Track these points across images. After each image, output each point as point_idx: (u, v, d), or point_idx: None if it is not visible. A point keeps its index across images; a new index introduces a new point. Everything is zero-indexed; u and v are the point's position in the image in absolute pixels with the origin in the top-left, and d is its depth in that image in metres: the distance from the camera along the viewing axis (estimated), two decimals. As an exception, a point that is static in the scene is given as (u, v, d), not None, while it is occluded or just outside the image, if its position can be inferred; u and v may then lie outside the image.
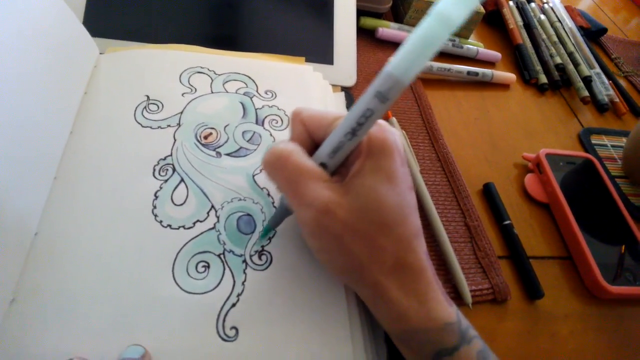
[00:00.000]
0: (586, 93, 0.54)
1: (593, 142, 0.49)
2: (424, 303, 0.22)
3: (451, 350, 0.21)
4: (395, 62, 0.18)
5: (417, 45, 0.17)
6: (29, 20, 0.25)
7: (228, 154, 0.30)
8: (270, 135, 0.32)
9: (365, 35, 0.50)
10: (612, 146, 0.49)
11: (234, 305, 0.24)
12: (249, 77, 0.35)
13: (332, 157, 0.22)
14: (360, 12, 0.49)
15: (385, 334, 0.26)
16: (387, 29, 0.50)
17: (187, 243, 0.25)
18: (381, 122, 0.22)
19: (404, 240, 0.22)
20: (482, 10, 0.52)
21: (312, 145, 0.24)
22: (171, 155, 0.29)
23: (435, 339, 0.21)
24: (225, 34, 0.39)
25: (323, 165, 0.22)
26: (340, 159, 0.22)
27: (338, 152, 0.22)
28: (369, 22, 0.50)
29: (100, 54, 0.33)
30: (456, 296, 0.31)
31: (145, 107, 0.30)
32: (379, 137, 0.22)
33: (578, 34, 0.64)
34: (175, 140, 0.29)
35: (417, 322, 0.21)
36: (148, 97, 0.31)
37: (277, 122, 0.33)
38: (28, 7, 0.26)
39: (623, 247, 0.37)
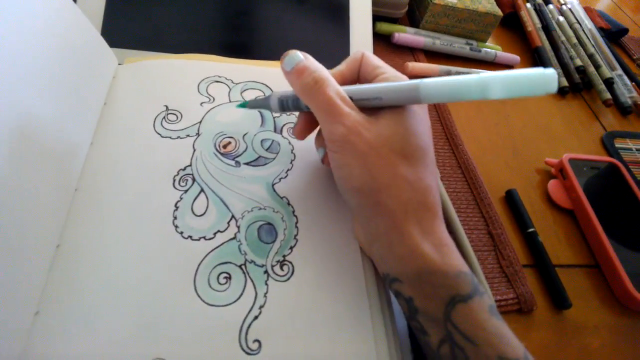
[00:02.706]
0: (608, 95, 0.53)
1: (617, 145, 0.48)
2: (439, 247, 0.22)
3: (465, 298, 0.21)
4: (428, 82, 0.20)
5: (451, 86, 0.20)
6: (48, 32, 0.26)
7: (247, 163, 0.30)
8: (289, 143, 0.32)
9: (381, 40, 0.50)
10: (637, 150, 0.48)
11: (256, 317, 0.23)
12: (267, 86, 0.35)
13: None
14: (376, 18, 0.49)
15: (411, 345, 0.25)
16: (403, 34, 0.50)
17: (208, 254, 0.25)
18: None
19: (425, 180, 0.23)
20: (500, 13, 0.52)
21: (354, 78, 0.27)
22: (191, 165, 0.28)
23: (450, 283, 0.21)
24: (242, 42, 0.39)
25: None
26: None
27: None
28: (384, 27, 0.50)
29: (119, 64, 0.33)
30: (481, 307, 0.30)
31: (164, 118, 0.30)
32: None
33: (598, 35, 0.63)
34: (194, 150, 0.29)
35: (433, 262, 0.21)
36: (167, 107, 0.31)
37: (295, 130, 0.32)
38: (46, 20, 0.26)
39: (653, 254, 0.36)
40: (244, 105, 0.30)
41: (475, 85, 0.19)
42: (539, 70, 0.18)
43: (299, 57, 0.25)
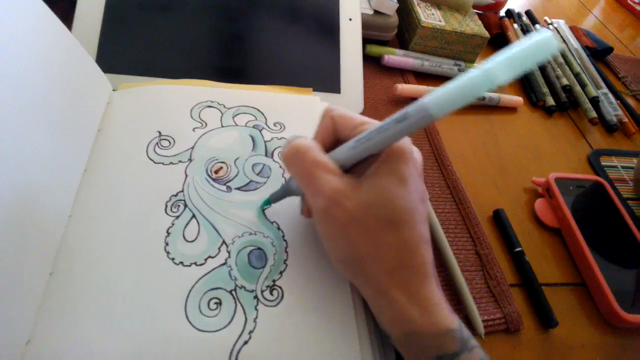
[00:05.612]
0: (594, 114, 0.54)
1: (603, 163, 0.49)
2: (426, 308, 0.22)
3: (451, 356, 0.21)
4: (432, 98, 0.19)
5: (457, 90, 0.19)
6: (42, 59, 0.26)
7: (238, 188, 0.30)
8: (280, 167, 0.32)
9: (371, 62, 0.51)
10: (623, 167, 0.49)
11: (246, 342, 0.24)
12: (258, 110, 0.36)
13: (348, 157, 0.23)
14: (366, 40, 0.50)
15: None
16: (393, 56, 0.51)
17: (199, 280, 0.25)
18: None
19: (411, 243, 0.22)
20: (487, 34, 0.53)
21: (334, 142, 0.25)
22: (183, 191, 0.29)
23: (436, 344, 0.21)
24: (234, 66, 0.40)
25: (338, 163, 0.24)
26: (354, 161, 0.24)
27: (354, 155, 0.23)
28: (374, 49, 0.51)
29: (113, 90, 0.34)
30: (468, 326, 0.31)
31: (157, 143, 0.31)
32: (397, 145, 0.23)
33: (584, 54, 0.64)
34: (186, 175, 0.30)
35: (419, 325, 0.22)
36: (160, 133, 0.32)
37: (286, 154, 0.33)
38: (41, 47, 0.26)
39: None
40: (269, 201, 0.29)
41: (481, 79, 0.18)
42: (535, 38, 0.18)
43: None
